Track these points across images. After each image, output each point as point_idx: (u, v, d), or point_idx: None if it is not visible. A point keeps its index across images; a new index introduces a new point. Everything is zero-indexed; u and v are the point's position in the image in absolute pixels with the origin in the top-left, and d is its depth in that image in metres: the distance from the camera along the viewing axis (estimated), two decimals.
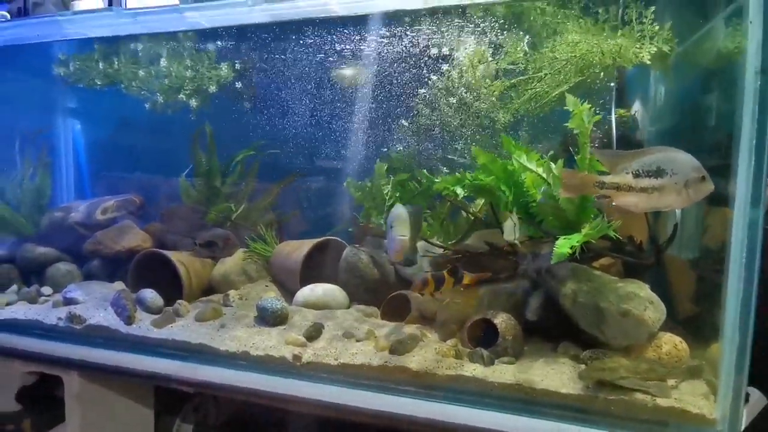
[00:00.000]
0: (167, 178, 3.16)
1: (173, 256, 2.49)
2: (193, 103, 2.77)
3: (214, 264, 2.70)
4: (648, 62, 1.91)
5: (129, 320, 2.22)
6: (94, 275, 2.82)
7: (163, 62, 2.78)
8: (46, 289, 2.71)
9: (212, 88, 2.77)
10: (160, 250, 2.55)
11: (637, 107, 2.35)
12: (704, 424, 1.44)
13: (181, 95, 2.77)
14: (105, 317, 2.28)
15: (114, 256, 2.77)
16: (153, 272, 2.55)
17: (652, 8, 1.88)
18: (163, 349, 2.09)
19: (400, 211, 1.94)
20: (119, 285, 2.66)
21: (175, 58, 2.72)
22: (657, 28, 1.91)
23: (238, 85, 2.81)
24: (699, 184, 1.47)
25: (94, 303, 2.42)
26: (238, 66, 2.78)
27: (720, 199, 1.58)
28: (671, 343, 1.73)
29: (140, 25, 2.42)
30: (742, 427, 1.43)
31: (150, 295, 2.34)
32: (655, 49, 1.91)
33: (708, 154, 1.78)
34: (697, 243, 2.01)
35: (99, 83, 2.99)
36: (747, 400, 1.46)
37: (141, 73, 2.84)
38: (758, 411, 1.60)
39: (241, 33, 2.65)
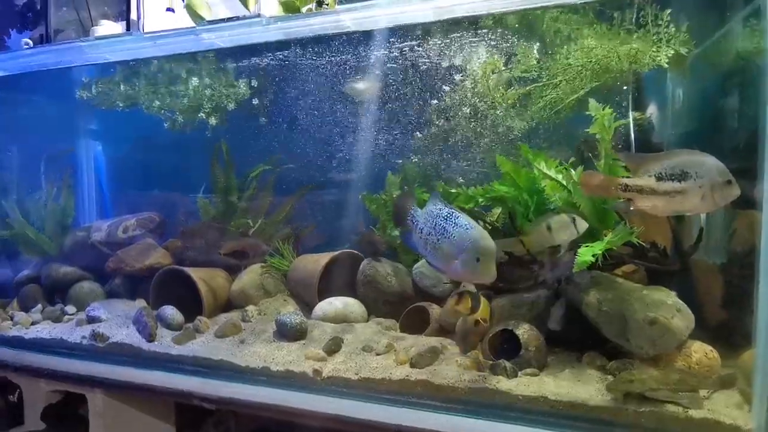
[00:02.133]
0: (185, 195, 3.22)
1: (193, 272, 2.51)
2: (212, 120, 2.82)
3: (232, 280, 2.72)
4: (665, 65, 1.88)
5: (150, 337, 2.24)
6: (117, 293, 2.87)
7: (183, 82, 2.84)
8: (70, 308, 2.76)
9: (231, 106, 2.82)
10: (180, 267, 2.58)
11: (652, 109, 2.32)
12: None
13: (201, 114, 2.83)
14: (127, 335, 2.31)
15: (135, 274, 2.82)
16: (173, 289, 2.58)
17: (668, 11, 1.86)
18: (184, 366, 2.10)
19: (488, 243, 1.52)
20: (141, 302, 2.69)
21: (194, 77, 2.78)
22: (674, 30, 1.89)
23: (255, 101, 2.86)
24: (725, 188, 1.44)
25: (117, 321, 2.46)
26: (254, 83, 2.83)
27: (747, 202, 1.54)
28: (702, 351, 1.67)
29: (159, 48, 2.49)
30: None
31: (170, 312, 2.37)
32: (672, 51, 1.88)
33: (730, 156, 1.74)
34: (724, 247, 1.95)
35: (120, 105, 3.08)
36: None
37: (161, 93, 2.91)
38: None
39: (257, 50, 2.70)
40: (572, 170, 1.83)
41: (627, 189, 1.50)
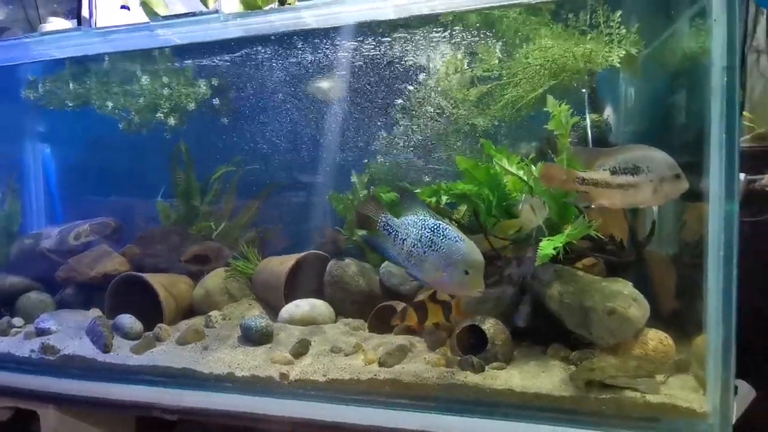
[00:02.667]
0: (145, 199, 3.09)
1: (152, 278, 2.41)
2: (171, 121, 2.72)
3: (194, 285, 2.63)
4: (617, 65, 1.95)
5: (106, 348, 2.14)
6: (69, 303, 2.72)
7: (138, 80, 2.72)
8: (18, 321, 2.59)
9: (191, 106, 2.73)
10: (138, 273, 2.48)
11: (607, 108, 2.41)
12: (695, 417, 1.45)
13: (159, 114, 2.72)
14: (80, 346, 2.19)
15: (89, 283, 2.67)
16: (131, 297, 2.47)
17: (619, 12, 1.94)
18: (143, 376, 2.01)
19: (477, 256, 1.52)
20: (95, 312, 2.56)
21: (151, 76, 2.67)
22: (624, 31, 1.96)
23: (216, 101, 2.78)
24: (674, 182, 1.51)
25: (69, 332, 2.33)
26: (215, 82, 2.75)
27: (696, 195, 1.61)
28: (657, 338, 1.74)
29: (110, 44, 2.38)
30: (734, 420, 1.43)
31: (128, 320, 2.26)
32: (623, 52, 1.95)
33: (680, 151, 1.83)
34: (675, 238, 2.04)
35: (70, 104, 2.92)
36: (736, 393, 1.48)
37: (115, 92, 2.78)
38: (748, 403, 1.62)
39: (217, 48, 2.62)
40: (533, 166, 1.87)
41: (584, 182, 1.55)
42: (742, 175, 1.88)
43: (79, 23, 2.49)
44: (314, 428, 1.76)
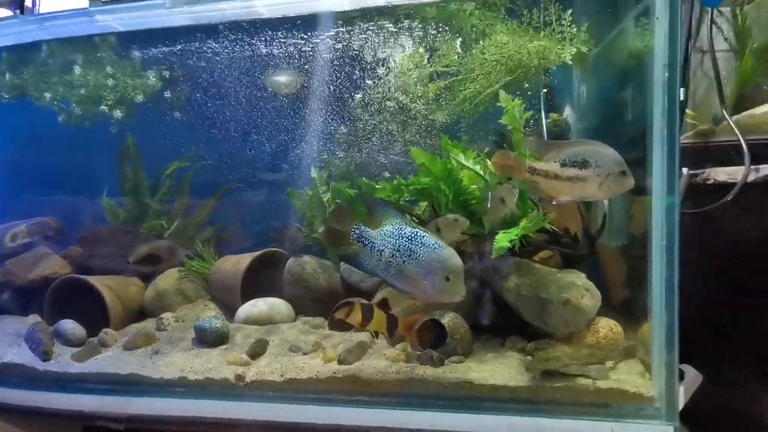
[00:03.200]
0: (91, 197, 2.91)
1: (95, 281, 2.27)
2: (117, 113, 2.57)
3: (145, 287, 2.50)
4: (569, 62, 2.00)
5: (46, 355, 2.00)
6: (5, 309, 2.54)
7: (80, 70, 2.55)
8: None
9: (139, 98, 2.58)
10: (80, 276, 2.33)
11: (568, 111, 2.47)
12: (643, 401, 1.51)
13: (103, 106, 2.56)
14: (18, 354, 2.04)
15: (27, 287, 2.50)
16: (75, 301, 2.32)
17: (570, 11, 1.99)
18: (86, 385, 1.89)
19: (457, 261, 1.49)
20: (34, 318, 2.39)
21: (93, 65, 2.51)
22: (575, 30, 2.02)
23: (167, 94, 2.64)
24: (620, 178, 1.55)
25: (7, 339, 2.17)
26: (166, 74, 2.62)
27: (643, 189, 1.67)
28: (607, 327, 1.80)
29: (48, 32, 2.22)
30: (681, 404, 1.49)
31: (69, 326, 2.13)
32: (574, 49, 2.01)
33: (627, 147, 1.89)
34: (624, 231, 2.12)
35: (6, 96, 2.71)
36: (682, 378, 1.54)
37: (53, 83, 2.60)
38: (695, 388, 1.70)
39: (168, 37, 2.49)
40: (488, 161, 1.89)
41: (534, 172, 1.58)
42: (684, 170, 1.97)
43: (22, 13, 2.31)
44: (272, 430, 1.71)
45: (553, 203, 1.72)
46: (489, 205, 1.85)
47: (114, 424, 1.78)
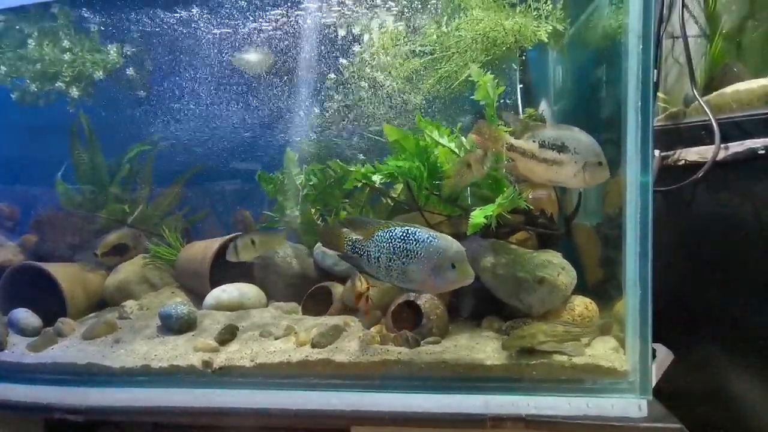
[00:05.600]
0: (50, 182, 2.75)
1: (51, 268, 2.14)
2: (74, 92, 2.42)
3: (107, 274, 2.38)
4: (545, 40, 1.98)
5: None
6: None
7: (34, 44, 2.37)
8: None
9: (98, 74, 2.42)
10: (34, 263, 2.19)
11: (544, 106, 2.46)
12: (617, 376, 1.50)
13: (60, 83, 2.40)
14: None
15: None
16: (31, 290, 2.19)
17: None
18: (42, 375, 1.78)
19: (457, 247, 1.45)
20: None
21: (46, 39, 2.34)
22: (550, 7, 2.00)
23: (130, 71, 2.50)
24: (596, 168, 1.53)
25: None
26: (128, 49, 2.47)
27: (617, 170, 1.66)
28: (582, 304, 1.80)
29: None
30: (654, 380, 1.50)
31: (23, 315, 2.01)
32: (550, 28, 1.99)
33: (602, 128, 1.89)
34: (599, 211, 2.12)
35: None
36: (654, 357, 1.54)
37: (10, 57, 2.42)
38: (667, 366, 1.71)
39: (131, 10, 2.34)
40: (463, 138, 1.86)
41: (512, 148, 1.55)
42: (656, 152, 1.98)
43: None
44: (241, 417, 1.64)
45: (528, 190, 1.69)
46: (454, 170, 1.78)
47: (72, 416, 1.68)
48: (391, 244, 1.49)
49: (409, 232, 1.48)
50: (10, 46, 2.38)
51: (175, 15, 2.35)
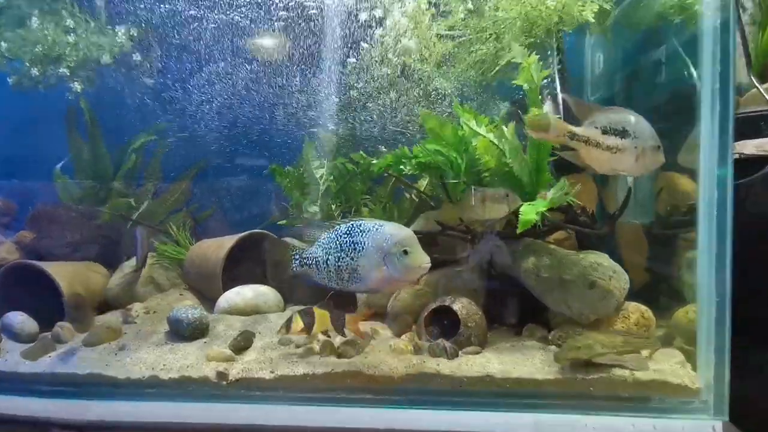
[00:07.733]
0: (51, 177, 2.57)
1: (50, 267, 1.97)
2: (76, 79, 2.24)
3: (109, 274, 2.21)
4: (591, 20, 1.81)
5: None
6: None
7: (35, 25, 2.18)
8: None
9: (105, 59, 2.23)
10: (30, 261, 2.02)
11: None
12: (688, 394, 1.33)
13: (63, 69, 2.21)
14: None
15: None
16: (25, 291, 2.02)
17: None
18: (39, 386, 1.62)
19: (406, 231, 1.41)
20: None
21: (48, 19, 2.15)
22: None
23: (136, 56, 2.31)
24: (654, 153, 1.42)
25: None
26: (135, 33, 2.29)
27: (668, 164, 1.50)
28: (638, 312, 1.63)
29: None
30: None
31: (18, 319, 1.85)
32: (597, 7, 1.81)
33: (654, 118, 1.73)
34: (648, 209, 1.95)
35: None
36: None
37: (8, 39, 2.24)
38: None
39: None
40: (504, 128, 1.69)
41: (574, 137, 1.38)
42: None
43: None
44: None
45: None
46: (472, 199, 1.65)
47: None
48: (337, 242, 1.44)
49: (354, 225, 1.43)
50: (7, 25, 2.19)
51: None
